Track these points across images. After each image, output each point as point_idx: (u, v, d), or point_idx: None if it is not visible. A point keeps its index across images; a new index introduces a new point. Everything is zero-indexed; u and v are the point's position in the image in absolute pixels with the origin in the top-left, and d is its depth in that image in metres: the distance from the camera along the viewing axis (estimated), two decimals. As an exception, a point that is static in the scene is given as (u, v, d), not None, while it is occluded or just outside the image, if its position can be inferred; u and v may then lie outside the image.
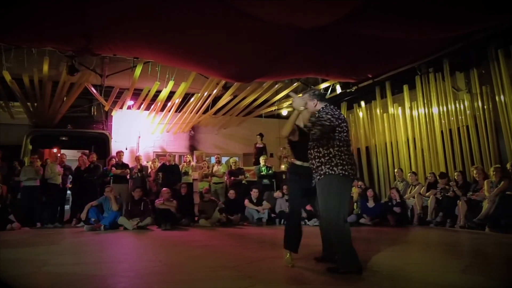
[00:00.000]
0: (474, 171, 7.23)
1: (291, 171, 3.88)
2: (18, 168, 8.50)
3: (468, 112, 8.12)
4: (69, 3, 5.17)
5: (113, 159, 9.46)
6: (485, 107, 7.80)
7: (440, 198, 7.41)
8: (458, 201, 6.95)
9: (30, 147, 10.06)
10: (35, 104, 9.47)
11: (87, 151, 9.58)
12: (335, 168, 3.19)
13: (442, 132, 8.64)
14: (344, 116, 3.44)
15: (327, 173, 3.21)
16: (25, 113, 9.77)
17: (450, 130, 8.48)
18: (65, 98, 9.62)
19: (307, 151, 3.47)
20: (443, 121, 8.62)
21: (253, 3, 5.28)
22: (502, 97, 7.44)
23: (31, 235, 6.57)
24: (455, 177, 7.56)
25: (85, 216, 7.50)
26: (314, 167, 3.34)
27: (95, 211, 7.54)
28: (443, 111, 8.60)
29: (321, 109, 3.43)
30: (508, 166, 6.67)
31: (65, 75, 8.66)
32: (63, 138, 10.90)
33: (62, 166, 8.76)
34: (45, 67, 8.11)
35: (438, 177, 7.86)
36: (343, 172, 3.20)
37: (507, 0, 5.09)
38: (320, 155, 3.29)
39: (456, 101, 8.40)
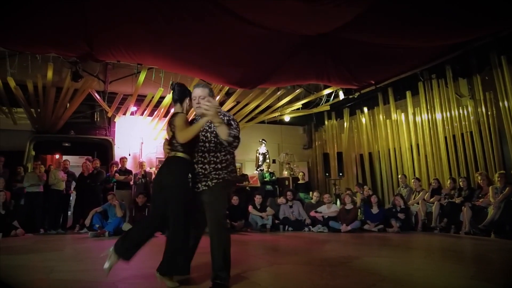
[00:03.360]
0: (479, 177, 7.23)
1: (184, 170, 3.06)
2: (21, 174, 8.50)
3: (471, 118, 8.13)
4: (71, 10, 5.21)
5: (114, 165, 9.44)
6: (489, 113, 7.81)
7: (445, 204, 7.39)
8: (462, 207, 6.94)
9: (33, 153, 10.05)
10: (38, 110, 9.47)
11: (90, 157, 9.58)
12: (232, 175, 3.09)
13: (445, 138, 8.64)
14: None
15: (225, 177, 3.02)
16: (28, 119, 9.78)
17: (454, 136, 8.48)
18: (68, 104, 9.63)
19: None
20: (446, 127, 8.63)
21: (255, 10, 5.32)
22: (505, 103, 7.45)
23: (35, 241, 6.55)
24: (460, 183, 7.55)
25: (89, 223, 7.49)
26: (206, 172, 3.01)
27: (99, 218, 7.52)
28: (447, 117, 8.62)
29: (221, 112, 3.08)
30: (512, 172, 6.67)
31: (68, 81, 8.69)
32: (66, 144, 10.89)
33: (65, 172, 8.76)
34: (49, 73, 8.14)
35: (447, 182, 7.87)
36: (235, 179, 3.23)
37: (507, 7, 5.14)
38: (217, 160, 3.02)
39: (460, 107, 8.42)
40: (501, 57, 7.50)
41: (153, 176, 9.48)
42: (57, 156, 11.07)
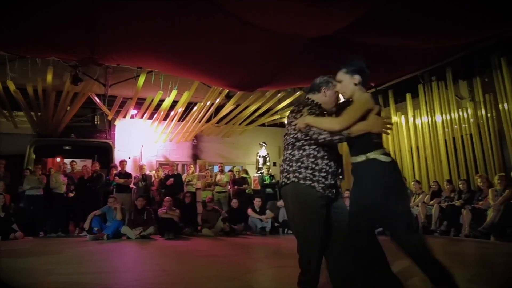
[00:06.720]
0: (479, 180, 7.20)
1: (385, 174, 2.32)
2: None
3: (471, 120, 8.10)
4: (73, 13, 5.22)
5: (114, 168, 9.44)
6: (489, 115, 7.78)
7: (445, 207, 7.38)
8: (462, 209, 6.92)
9: (34, 156, 10.08)
10: (39, 113, 9.50)
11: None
12: (301, 179, 2.57)
13: (445, 140, 8.60)
14: None
15: (292, 180, 2.59)
16: (29, 123, 9.80)
17: (454, 139, 8.45)
18: (68, 108, 9.66)
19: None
20: (446, 130, 8.60)
21: (256, 13, 5.32)
22: (505, 105, 7.41)
23: (35, 244, 6.55)
24: (460, 186, 7.53)
25: (88, 226, 7.49)
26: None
27: (98, 221, 7.53)
28: (447, 119, 8.59)
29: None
30: (512, 174, 6.65)
31: (68, 85, 8.70)
32: (67, 148, 10.93)
33: (65, 175, 8.77)
34: (49, 77, 8.15)
35: (445, 184, 7.85)
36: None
37: (510, 9, 5.12)
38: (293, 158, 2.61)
39: (460, 110, 8.39)
40: (501, 59, 7.47)
41: (153, 179, 9.47)
42: (58, 159, 11.10)
